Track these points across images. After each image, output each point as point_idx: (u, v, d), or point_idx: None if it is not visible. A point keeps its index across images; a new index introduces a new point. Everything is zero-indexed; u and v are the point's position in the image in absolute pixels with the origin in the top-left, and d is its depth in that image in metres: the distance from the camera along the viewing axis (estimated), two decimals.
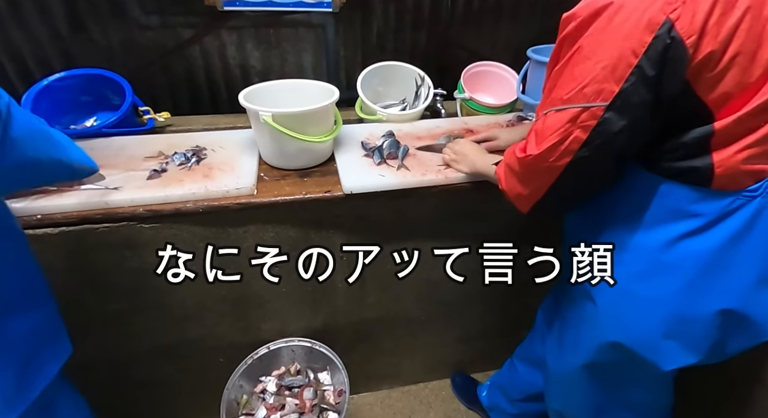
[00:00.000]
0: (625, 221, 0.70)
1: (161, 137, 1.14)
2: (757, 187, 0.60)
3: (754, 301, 0.65)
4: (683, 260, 0.65)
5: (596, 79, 0.57)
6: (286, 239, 1.01)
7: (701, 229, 0.63)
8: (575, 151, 0.61)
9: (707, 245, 0.63)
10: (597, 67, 0.57)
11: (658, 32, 0.53)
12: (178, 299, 1.03)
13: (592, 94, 0.58)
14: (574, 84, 0.59)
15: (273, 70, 1.57)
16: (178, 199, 0.89)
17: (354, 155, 1.07)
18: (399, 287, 1.21)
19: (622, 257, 0.71)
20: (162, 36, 1.39)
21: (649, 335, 0.70)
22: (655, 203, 0.65)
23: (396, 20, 1.55)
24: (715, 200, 0.61)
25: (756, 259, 0.63)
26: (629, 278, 0.71)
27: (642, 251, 0.68)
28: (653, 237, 0.67)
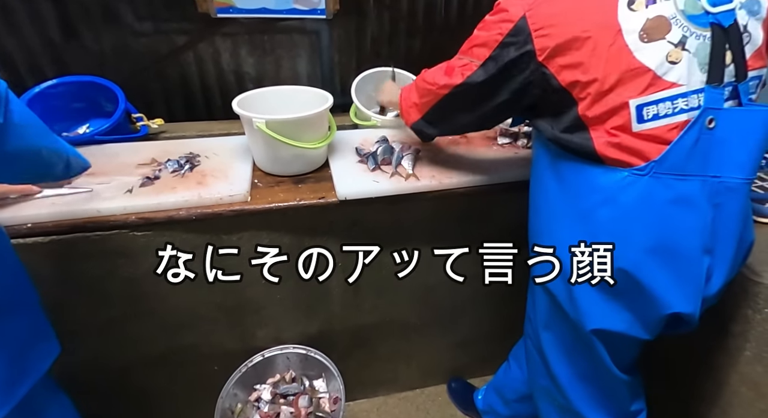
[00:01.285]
0: (554, 195, 0.81)
1: (154, 144, 1.14)
2: (644, 166, 0.68)
3: (643, 266, 0.72)
4: (597, 226, 0.74)
5: (480, 43, 0.76)
6: (281, 246, 1.01)
7: (605, 200, 0.72)
8: (452, 87, 0.81)
9: (611, 214, 0.72)
10: (482, 35, 0.76)
11: (518, 23, 0.70)
12: (172, 307, 1.03)
13: (474, 54, 0.77)
14: (470, 43, 0.79)
15: (267, 76, 1.57)
16: (170, 207, 0.88)
17: (348, 161, 1.07)
18: (395, 292, 1.21)
19: (553, 228, 0.82)
20: (156, 42, 1.39)
21: (571, 295, 0.79)
22: (572, 178, 0.76)
23: (390, 26, 1.56)
24: (611, 174, 0.70)
25: (650, 230, 0.70)
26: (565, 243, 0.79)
27: (567, 221, 0.78)
28: (575, 207, 0.76)
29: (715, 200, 0.69)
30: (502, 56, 0.72)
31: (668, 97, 0.65)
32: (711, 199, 0.69)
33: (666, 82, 0.65)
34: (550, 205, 0.82)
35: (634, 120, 0.67)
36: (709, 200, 0.69)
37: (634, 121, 0.67)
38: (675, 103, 0.66)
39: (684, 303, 0.72)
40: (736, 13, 0.66)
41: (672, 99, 0.65)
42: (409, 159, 1.03)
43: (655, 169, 0.67)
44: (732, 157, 0.68)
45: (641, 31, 0.64)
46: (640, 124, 0.67)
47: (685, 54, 0.64)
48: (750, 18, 0.68)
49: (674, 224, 0.69)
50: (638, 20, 0.64)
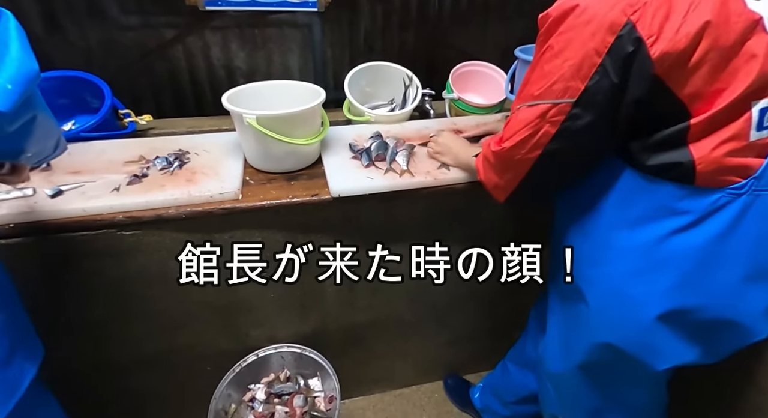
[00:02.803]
0: (612, 219, 0.70)
1: (143, 141, 1.11)
2: (743, 184, 0.60)
3: (740, 299, 0.65)
4: (672, 257, 0.65)
5: (564, 77, 0.60)
6: (273, 244, 0.99)
7: (689, 226, 0.63)
8: (545, 145, 0.65)
9: (696, 241, 0.63)
10: (565, 66, 0.60)
11: (620, 33, 0.56)
12: (163, 307, 1.01)
13: (560, 91, 0.61)
14: (544, 81, 0.63)
15: (259, 70, 1.54)
16: (159, 205, 0.86)
17: (342, 157, 1.05)
18: (389, 290, 1.19)
19: (610, 256, 0.71)
20: (143, 36, 1.35)
21: (642, 335, 0.70)
22: (641, 201, 0.66)
23: (383, 20, 1.54)
24: (701, 197, 0.61)
25: (742, 256, 0.63)
26: (619, 276, 0.70)
27: (631, 249, 0.68)
28: (641, 235, 0.66)
29: None
30: (606, 81, 0.58)
31: None
32: None
33: None
34: (605, 232, 0.71)
35: (754, 127, 0.58)
36: None
37: (753, 129, 0.58)
38: None
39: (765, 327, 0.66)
40: None
41: None
42: (404, 155, 1.01)
43: (754, 186, 0.60)
44: None
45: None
46: (759, 132, 0.58)
47: None
48: None
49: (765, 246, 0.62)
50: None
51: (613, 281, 0.71)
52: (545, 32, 0.63)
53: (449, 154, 1.01)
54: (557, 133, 0.63)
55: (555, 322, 0.92)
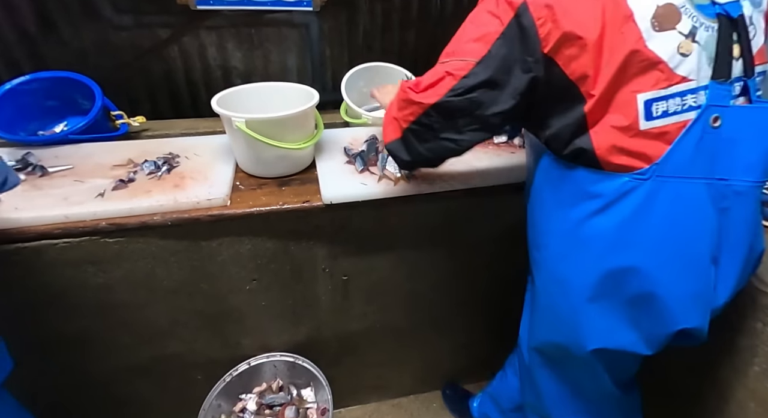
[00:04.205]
0: (549, 203, 0.74)
1: (133, 144, 1.08)
2: (645, 170, 0.62)
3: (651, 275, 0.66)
4: (591, 238, 0.68)
5: (473, 39, 0.66)
6: (263, 252, 0.96)
7: (602, 208, 0.66)
8: (443, 95, 0.68)
9: (608, 223, 0.66)
10: (477, 30, 0.66)
11: (518, 11, 0.62)
12: (150, 316, 0.98)
13: (468, 51, 0.66)
14: (459, 41, 0.68)
15: (256, 71, 1.51)
16: (144, 212, 0.83)
17: (336, 162, 1.01)
18: (385, 298, 1.16)
19: (547, 240, 0.75)
20: (138, 36, 1.33)
21: (571, 313, 0.73)
22: (566, 185, 0.69)
23: (383, 19, 1.50)
24: (610, 181, 0.64)
25: (658, 239, 0.65)
26: (552, 259, 0.75)
27: (560, 232, 0.72)
28: (567, 217, 0.70)
29: (721, 205, 0.64)
30: (504, 50, 0.63)
31: (678, 93, 0.60)
32: (717, 204, 0.64)
33: (677, 75, 0.59)
34: (545, 216, 0.76)
35: (642, 117, 0.60)
36: (715, 205, 0.64)
37: (642, 118, 0.60)
38: (684, 99, 0.60)
39: (693, 316, 0.66)
40: (741, 3, 0.61)
41: (682, 95, 0.60)
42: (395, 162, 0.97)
43: (657, 172, 0.62)
44: (741, 159, 0.63)
45: (652, 18, 0.58)
46: (648, 122, 0.61)
47: (695, 46, 0.59)
48: (754, 10, 0.63)
49: (678, 231, 0.64)
50: (649, 6, 0.58)
51: (549, 263, 0.76)
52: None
53: (381, 95, 1.02)
54: (455, 87, 0.67)
55: (525, 305, 0.96)
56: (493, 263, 1.18)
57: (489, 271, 1.19)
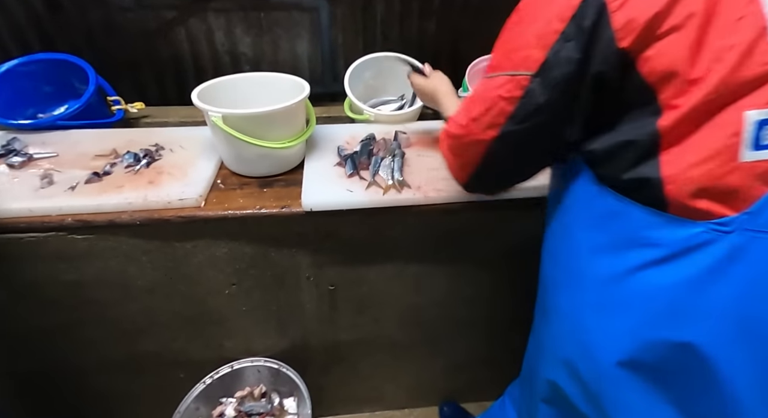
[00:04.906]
0: (580, 241, 0.60)
1: (123, 132, 1.04)
2: (731, 220, 0.46)
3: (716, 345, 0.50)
4: (638, 295, 0.53)
5: (524, 45, 0.52)
6: (241, 256, 0.90)
7: (660, 261, 0.51)
8: (501, 125, 0.55)
9: (666, 281, 0.51)
10: (527, 31, 0.52)
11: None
12: (125, 313, 0.94)
13: (519, 61, 0.52)
14: (505, 48, 0.55)
15: (265, 57, 1.43)
16: (112, 209, 0.78)
17: (325, 163, 0.93)
18: (378, 310, 1.08)
19: (574, 282, 0.61)
20: (144, 18, 1.28)
21: (597, 379, 0.58)
22: (610, 225, 0.55)
23: (402, 5, 1.38)
24: (676, 228, 0.49)
25: (727, 313, 0.48)
26: (581, 307, 0.60)
27: (594, 279, 0.57)
28: (607, 264, 0.56)
29: None
30: (566, 52, 0.49)
31: None
32: None
33: None
34: (574, 256, 0.61)
35: (747, 144, 0.44)
36: None
37: (746, 147, 0.44)
38: None
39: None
40: None
41: None
42: (389, 167, 0.87)
43: (747, 225, 0.46)
44: None
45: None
46: (753, 152, 0.44)
47: None
48: None
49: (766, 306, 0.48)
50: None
51: (574, 310, 0.61)
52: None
53: (430, 96, 0.89)
54: (514, 113, 0.53)
55: (531, 337, 0.83)
56: (501, 284, 1.06)
57: (495, 292, 1.08)
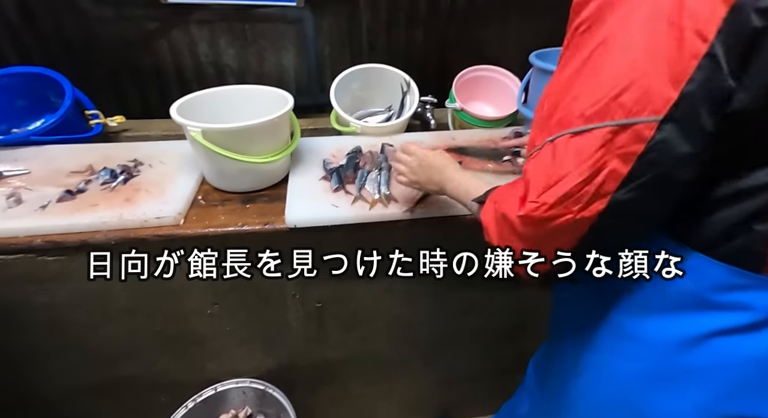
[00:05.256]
0: (631, 299, 0.51)
1: (101, 147, 1.01)
2: None
3: None
4: (713, 365, 0.46)
5: (640, 82, 0.37)
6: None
7: (746, 328, 0.44)
8: (612, 193, 0.40)
9: (754, 351, 0.44)
10: (640, 63, 0.37)
11: (734, 6, 0.34)
12: (104, 335, 0.90)
13: (634, 104, 0.38)
14: (603, 91, 0.39)
15: (250, 69, 1.41)
16: (85, 229, 0.75)
17: (311, 177, 0.90)
18: (367, 326, 1.05)
19: (620, 345, 0.53)
20: (124, 29, 1.25)
21: None
22: (676, 282, 0.46)
23: (388, 15, 1.37)
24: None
25: None
26: (629, 376, 0.52)
27: (650, 343, 0.49)
28: (668, 327, 0.48)
29: None
30: (717, 79, 0.36)
31: None
32: None
33: None
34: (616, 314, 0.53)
35: None
36: None
37: None
38: None
39: None
40: None
41: None
42: (377, 180, 0.85)
43: None
44: None
45: None
46: None
47: None
48: None
49: None
50: None
51: (625, 377, 0.53)
52: (592, 17, 0.40)
53: (432, 183, 0.70)
54: (632, 173, 0.39)
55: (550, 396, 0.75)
56: (492, 296, 1.04)
57: (487, 304, 1.06)
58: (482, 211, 0.54)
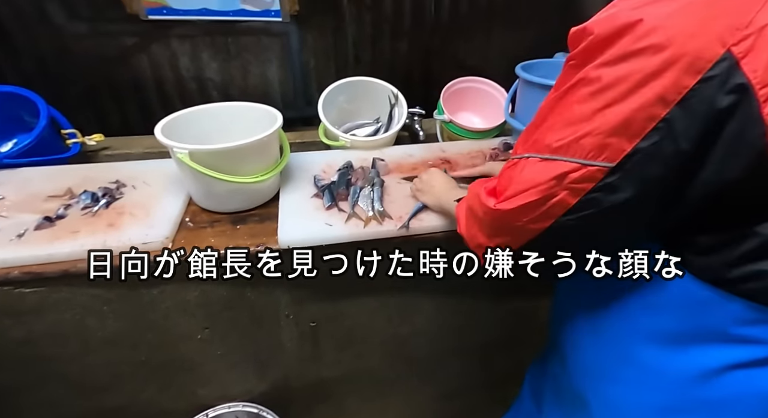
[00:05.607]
0: (642, 325, 0.51)
1: (80, 168, 0.97)
2: None
3: None
4: (729, 399, 0.46)
5: (602, 129, 0.41)
6: (215, 299, 0.83)
7: (763, 362, 0.44)
8: (557, 217, 0.46)
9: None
10: (607, 113, 0.41)
11: (710, 73, 0.36)
12: (86, 369, 0.86)
13: (592, 149, 0.42)
14: (571, 130, 0.43)
15: (234, 83, 1.39)
16: (65, 258, 0.71)
17: (302, 195, 0.88)
18: (361, 344, 1.03)
19: (632, 375, 0.52)
20: (100, 45, 1.21)
21: None
22: (691, 314, 0.47)
23: (372, 28, 1.37)
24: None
25: None
26: (642, 408, 0.52)
27: (664, 375, 0.49)
28: (684, 359, 0.48)
29: None
30: (669, 146, 0.39)
31: None
32: None
33: None
34: (629, 342, 0.53)
35: None
36: None
37: None
38: None
39: None
40: None
41: None
42: (368, 197, 0.84)
43: None
44: None
45: None
46: None
47: None
48: None
49: None
50: None
51: (633, 411, 0.53)
52: (580, 55, 0.43)
53: (430, 194, 0.83)
54: (577, 206, 0.44)
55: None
56: (488, 308, 1.04)
57: (483, 316, 1.05)
58: (457, 207, 0.64)
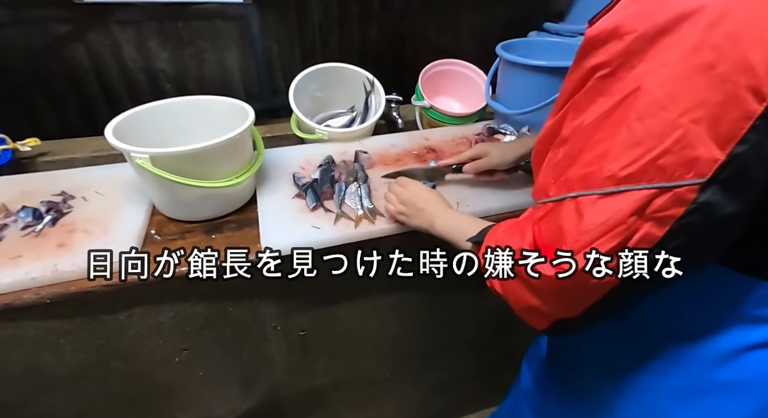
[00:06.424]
0: (665, 314, 0.48)
1: (14, 180, 0.83)
2: None
3: None
4: (747, 379, 0.44)
5: (684, 141, 0.33)
6: (193, 317, 0.75)
7: None
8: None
9: None
10: (682, 120, 0.33)
11: None
12: (45, 409, 0.75)
13: (676, 168, 0.34)
14: (638, 152, 0.35)
15: (189, 73, 1.26)
16: (7, 289, 0.60)
17: (282, 196, 0.80)
18: (354, 348, 0.98)
19: (657, 365, 0.50)
20: (26, 34, 1.05)
21: None
22: (711, 299, 0.44)
23: (339, 10, 1.28)
24: None
25: None
26: (660, 392, 0.50)
27: (688, 361, 0.47)
28: (706, 346, 0.45)
29: None
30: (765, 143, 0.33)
31: None
32: None
33: None
34: (646, 323, 0.49)
35: None
36: None
37: None
38: None
39: None
40: None
41: None
42: (355, 194, 0.77)
43: None
44: None
45: None
46: None
47: None
48: None
49: None
50: None
51: (649, 395, 0.51)
52: (617, 61, 0.36)
53: (420, 220, 0.69)
54: (666, 237, 0.36)
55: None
56: (480, 299, 1.01)
57: (475, 307, 1.03)
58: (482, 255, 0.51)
